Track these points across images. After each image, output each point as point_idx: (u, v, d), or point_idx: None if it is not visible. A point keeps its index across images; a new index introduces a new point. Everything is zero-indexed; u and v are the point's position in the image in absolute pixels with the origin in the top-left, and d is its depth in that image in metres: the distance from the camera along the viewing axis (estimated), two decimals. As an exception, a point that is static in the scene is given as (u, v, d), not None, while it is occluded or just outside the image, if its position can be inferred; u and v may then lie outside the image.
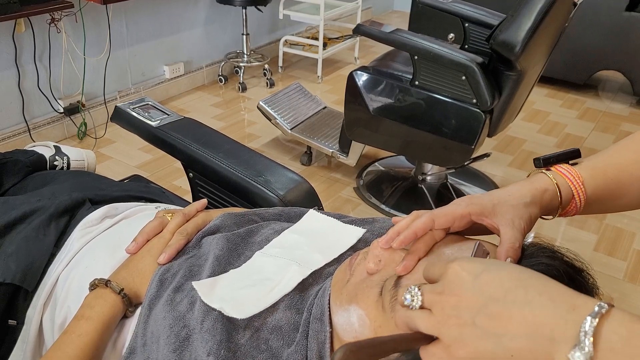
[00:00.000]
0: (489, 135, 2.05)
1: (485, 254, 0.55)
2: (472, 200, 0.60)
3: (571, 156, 0.65)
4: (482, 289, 0.43)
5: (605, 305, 0.38)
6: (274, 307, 0.65)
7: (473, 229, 0.61)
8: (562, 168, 0.63)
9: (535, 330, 0.39)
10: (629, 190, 0.63)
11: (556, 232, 2.20)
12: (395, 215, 2.38)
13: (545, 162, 0.65)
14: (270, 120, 2.53)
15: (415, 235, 0.58)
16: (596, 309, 0.38)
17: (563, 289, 0.41)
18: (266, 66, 3.47)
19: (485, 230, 0.61)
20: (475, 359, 0.42)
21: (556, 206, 0.62)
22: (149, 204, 0.97)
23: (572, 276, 0.51)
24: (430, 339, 0.45)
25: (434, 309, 0.45)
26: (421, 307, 0.46)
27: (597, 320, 0.37)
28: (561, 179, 0.62)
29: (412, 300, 0.47)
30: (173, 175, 2.44)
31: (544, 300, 0.40)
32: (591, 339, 0.37)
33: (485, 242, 0.58)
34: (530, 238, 0.57)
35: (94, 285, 0.72)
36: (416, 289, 0.47)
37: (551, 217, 0.64)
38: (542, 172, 0.63)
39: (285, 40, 3.65)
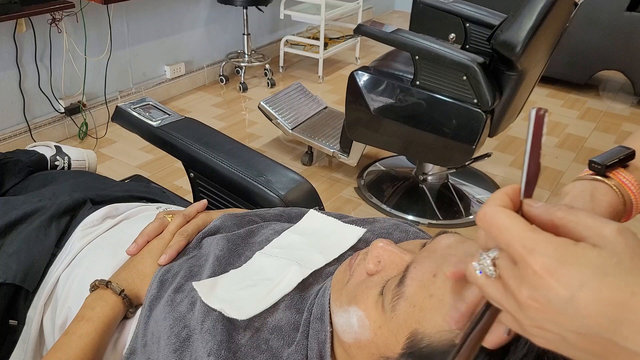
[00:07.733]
0: (490, 135, 2.05)
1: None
2: None
3: (627, 158, 0.60)
4: (580, 314, 0.34)
5: None
6: (274, 307, 0.65)
7: None
8: (623, 176, 0.58)
9: None
10: None
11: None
12: (397, 216, 2.37)
13: (605, 168, 0.59)
14: (271, 120, 2.53)
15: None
16: None
17: None
18: (267, 66, 3.47)
19: None
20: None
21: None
22: (150, 204, 0.97)
23: None
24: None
25: (510, 291, 0.37)
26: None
27: None
28: (624, 190, 0.57)
29: (487, 270, 0.38)
30: (174, 175, 2.44)
31: None
32: None
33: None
34: None
35: (94, 287, 0.72)
36: (489, 260, 0.38)
37: None
38: (604, 182, 0.58)
39: (286, 40, 3.65)
